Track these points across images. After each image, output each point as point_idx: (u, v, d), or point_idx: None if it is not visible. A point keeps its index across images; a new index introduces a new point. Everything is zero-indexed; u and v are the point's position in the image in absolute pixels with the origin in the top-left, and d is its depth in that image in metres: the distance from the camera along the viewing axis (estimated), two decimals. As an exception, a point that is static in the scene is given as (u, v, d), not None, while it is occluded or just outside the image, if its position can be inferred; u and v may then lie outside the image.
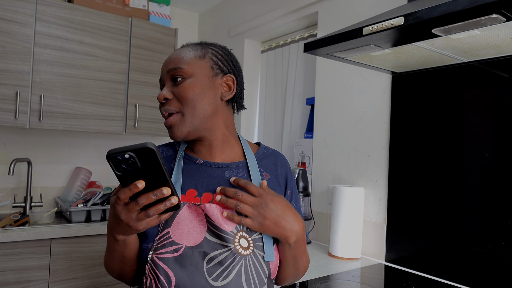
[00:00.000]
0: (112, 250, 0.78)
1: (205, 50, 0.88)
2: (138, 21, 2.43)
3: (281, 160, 0.96)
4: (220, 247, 0.77)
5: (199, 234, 0.78)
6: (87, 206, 2.10)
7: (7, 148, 2.34)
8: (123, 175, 0.62)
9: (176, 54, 0.87)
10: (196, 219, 0.79)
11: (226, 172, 0.87)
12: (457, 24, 0.93)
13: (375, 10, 1.74)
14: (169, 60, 0.86)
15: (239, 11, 2.69)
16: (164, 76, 0.86)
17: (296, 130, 2.35)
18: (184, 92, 0.82)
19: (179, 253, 0.76)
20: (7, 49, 2.01)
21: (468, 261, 1.36)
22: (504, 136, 1.29)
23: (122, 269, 0.81)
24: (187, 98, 0.82)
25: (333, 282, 1.34)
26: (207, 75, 0.85)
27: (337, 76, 1.92)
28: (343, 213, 1.66)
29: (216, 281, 0.75)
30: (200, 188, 0.84)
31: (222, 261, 0.76)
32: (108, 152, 0.61)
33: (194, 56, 0.86)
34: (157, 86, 2.51)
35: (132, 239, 0.76)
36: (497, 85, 1.31)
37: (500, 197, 1.28)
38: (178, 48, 0.90)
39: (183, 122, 0.83)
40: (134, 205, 0.65)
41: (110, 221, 0.72)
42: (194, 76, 0.83)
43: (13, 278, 1.79)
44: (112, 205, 0.68)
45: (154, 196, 0.64)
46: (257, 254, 0.79)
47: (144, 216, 0.66)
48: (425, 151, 1.51)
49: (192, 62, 0.84)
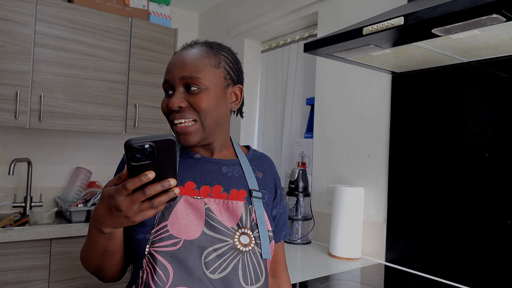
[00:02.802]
0: (95, 244, 0.75)
1: (219, 57, 0.86)
2: (138, 21, 2.43)
3: (269, 162, 1.00)
4: (218, 241, 0.79)
5: (196, 228, 0.79)
6: (87, 206, 2.10)
7: (7, 148, 2.34)
8: (135, 166, 0.61)
9: (189, 59, 0.83)
10: (193, 213, 0.80)
11: (223, 167, 0.89)
12: (457, 24, 0.93)
13: (375, 10, 1.74)
14: (182, 65, 0.83)
15: (239, 11, 2.69)
16: (175, 81, 0.83)
17: (296, 130, 2.35)
18: (202, 102, 0.81)
19: (177, 247, 0.77)
20: (7, 49, 2.01)
21: (468, 261, 1.35)
22: (504, 136, 1.29)
23: (101, 263, 0.78)
24: (205, 109, 0.82)
25: (333, 282, 1.34)
26: (221, 86, 0.86)
27: (337, 76, 1.92)
28: (343, 213, 1.66)
29: (214, 274, 0.77)
30: (199, 181, 0.85)
31: (220, 255, 0.78)
32: (128, 141, 0.59)
33: (209, 64, 0.84)
34: (157, 86, 2.51)
35: (119, 232, 0.74)
36: (497, 85, 1.31)
37: (500, 197, 1.28)
38: (187, 48, 0.87)
39: (199, 131, 0.83)
40: (140, 196, 0.63)
41: (99, 214, 0.68)
42: (210, 87, 0.83)
43: (13, 278, 1.79)
44: (109, 196, 0.65)
45: (161, 187, 0.63)
46: (256, 251, 0.82)
47: (147, 207, 0.65)
48: (425, 151, 1.51)
49: (208, 72, 0.83)
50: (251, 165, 0.94)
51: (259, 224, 0.84)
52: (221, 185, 0.86)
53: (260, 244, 0.83)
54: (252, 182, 0.89)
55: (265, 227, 0.85)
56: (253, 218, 0.84)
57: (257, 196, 0.87)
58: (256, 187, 0.89)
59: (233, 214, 0.83)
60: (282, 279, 0.99)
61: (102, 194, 0.68)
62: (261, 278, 0.82)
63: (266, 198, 0.91)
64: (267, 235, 0.84)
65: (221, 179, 0.87)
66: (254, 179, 0.90)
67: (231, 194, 0.86)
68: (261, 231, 0.84)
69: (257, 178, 0.92)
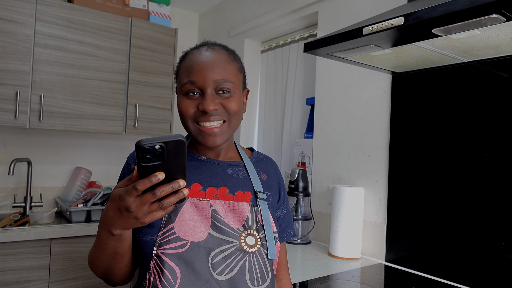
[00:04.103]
0: (104, 246, 0.75)
1: (239, 62, 0.90)
2: (138, 21, 2.43)
3: (273, 164, 1.01)
4: (225, 243, 0.80)
5: (203, 230, 0.80)
6: (87, 206, 2.10)
7: (7, 148, 2.34)
8: (146, 166, 0.61)
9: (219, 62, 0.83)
10: (199, 215, 0.81)
11: (228, 169, 0.90)
12: (457, 24, 0.93)
13: (375, 10, 1.74)
14: (213, 68, 0.82)
15: (239, 11, 2.68)
16: (206, 83, 0.81)
17: (296, 130, 2.35)
18: (234, 105, 0.84)
19: (184, 249, 0.77)
20: (7, 49, 2.01)
21: (468, 261, 1.35)
22: (504, 136, 1.29)
23: (110, 266, 0.79)
24: (236, 112, 0.85)
25: (333, 282, 1.34)
26: (241, 90, 0.89)
27: (337, 76, 1.92)
28: (343, 213, 1.66)
29: (221, 275, 0.77)
30: (205, 183, 0.86)
31: (227, 256, 0.79)
32: (139, 142, 0.60)
33: (235, 69, 0.87)
34: (157, 86, 2.50)
35: (128, 234, 0.74)
36: (497, 85, 1.31)
37: (500, 197, 1.28)
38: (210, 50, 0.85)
39: (226, 132, 0.85)
40: (150, 197, 0.63)
41: (109, 216, 0.69)
42: (237, 90, 0.86)
43: (13, 278, 1.79)
44: (119, 197, 0.65)
45: (170, 188, 0.64)
46: (262, 252, 0.83)
47: (157, 208, 0.65)
48: (425, 151, 1.51)
49: (237, 76, 0.87)
50: (255, 167, 0.95)
51: (265, 225, 0.85)
52: (227, 187, 0.87)
53: (266, 245, 0.83)
54: (257, 184, 0.90)
55: (271, 228, 0.86)
56: (258, 219, 0.85)
57: (262, 197, 0.88)
58: (261, 189, 0.90)
59: (239, 215, 0.83)
60: (284, 282, 0.99)
61: (112, 196, 0.68)
62: (267, 278, 0.83)
63: (270, 200, 0.92)
64: (273, 236, 0.85)
65: (227, 181, 0.88)
66: (258, 181, 0.91)
67: (236, 195, 0.86)
68: (267, 232, 0.84)
69: (262, 180, 0.93)
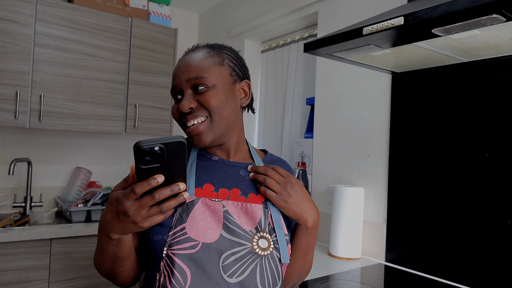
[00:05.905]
0: (104, 250, 0.74)
1: (221, 55, 0.87)
2: (138, 21, 2.43)
3: (287, 166, 1.00)
4: (237, 245, 0.78)
5: (215, 231, 0.78)
6: (87, 206, 2.10)
7: (7, 148, 2.34)
8: (144, 169, 0.59)
9: (193, 61, 0.84)
10: (211, 215, 0.79)
11: (240, 171, 0.89)
12: (457, 24, 0.93)
13: (375, 10, 1.74)
14: (186, 68, 0.83)
15: (239, 11, 2.69)
16: (182, 84, 0.83)
17: (296, 130, 2.35)
18: (211, 100, 0.81)
19: (195, 249, 0.76)
20: (7, 49, 2.01)
21: (468, 261, 1.36)
22: (504, 136, 1.29)
23: (112, 269, 0.79)
24: (215, 106, 0.81)
25: (333, 282, 1.34)
26: (227, 83, 0.85)
27: (337, 76, 1.92)
28: (343, 213, 1.66)
29: (231, 277, 0.76)
30: (217, 183, 0.85)
31: (238, 259, 0.77)
32: (138, 143, 0.57)
33: (213, 63, 0.84)
34: (157, 86, 2.51)
35: (128, 238, 0.74)
36: (497, 85, 1.31)
37: (500, 197, 1.28)
38: (190, 52, 0.87)
39: (211, 129, 0.82)
40: (149, 200, 0.62)
41: (107, 220, 0.68)
42: (216, 84, 0.83)
43: (13, 278, 1.79)
44: (116, 201, 0.64)
45: (170, 192, 0.62)
46: (274, 255, 0.81)
47: (156, 212, 0.64)
48: (425, 151, 1.51)
49: (213, 70, 0.83)
50: None
51: (276, 228, 0.83)
52: (239, 189, 0.85)
53: (279, 248, 0.82)
54: None
55: (282, 231, 0.84)
56: (269, 222, 0.83)
57: None
58: None
59: (252, 217, 0.81)
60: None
61: (110, 199, 0.66)
62: (278, 282, 0.81)
63: None
64: (284, 239, 0.83)
65: (239, 182, 0.86)
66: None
67: (249, 198, 0.85)
68: (279, 235, 0.83)
69: None
